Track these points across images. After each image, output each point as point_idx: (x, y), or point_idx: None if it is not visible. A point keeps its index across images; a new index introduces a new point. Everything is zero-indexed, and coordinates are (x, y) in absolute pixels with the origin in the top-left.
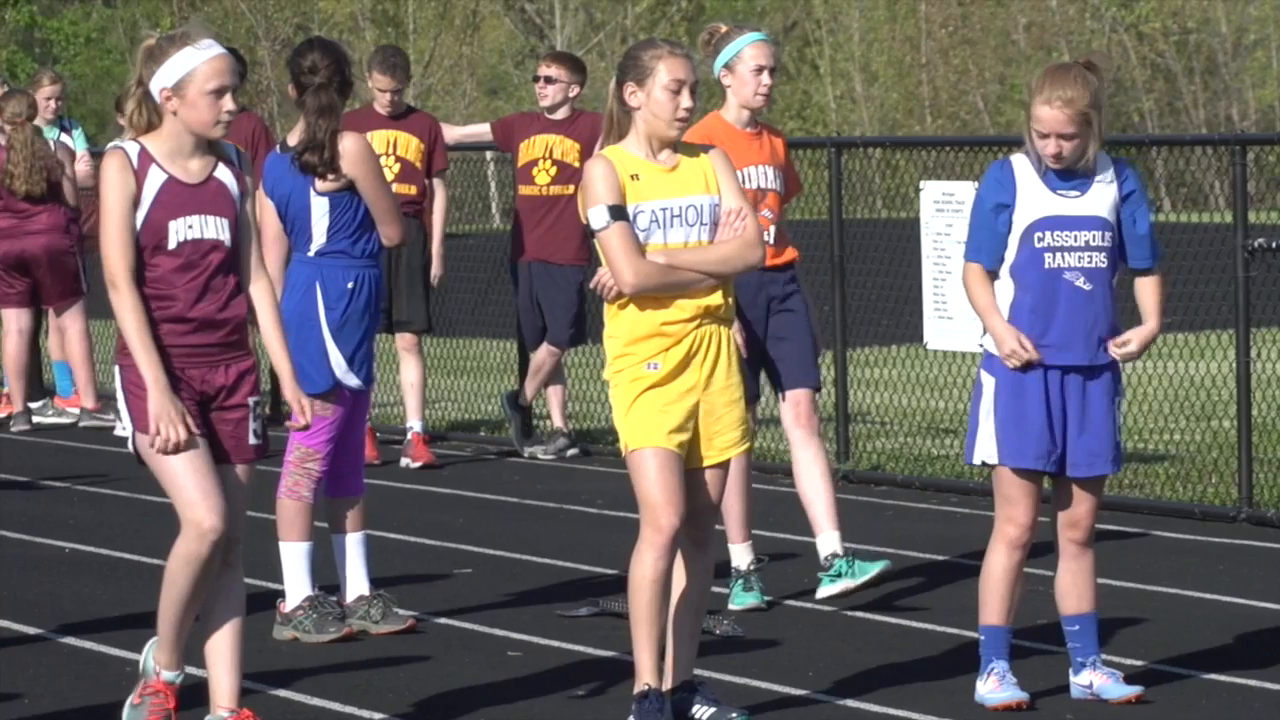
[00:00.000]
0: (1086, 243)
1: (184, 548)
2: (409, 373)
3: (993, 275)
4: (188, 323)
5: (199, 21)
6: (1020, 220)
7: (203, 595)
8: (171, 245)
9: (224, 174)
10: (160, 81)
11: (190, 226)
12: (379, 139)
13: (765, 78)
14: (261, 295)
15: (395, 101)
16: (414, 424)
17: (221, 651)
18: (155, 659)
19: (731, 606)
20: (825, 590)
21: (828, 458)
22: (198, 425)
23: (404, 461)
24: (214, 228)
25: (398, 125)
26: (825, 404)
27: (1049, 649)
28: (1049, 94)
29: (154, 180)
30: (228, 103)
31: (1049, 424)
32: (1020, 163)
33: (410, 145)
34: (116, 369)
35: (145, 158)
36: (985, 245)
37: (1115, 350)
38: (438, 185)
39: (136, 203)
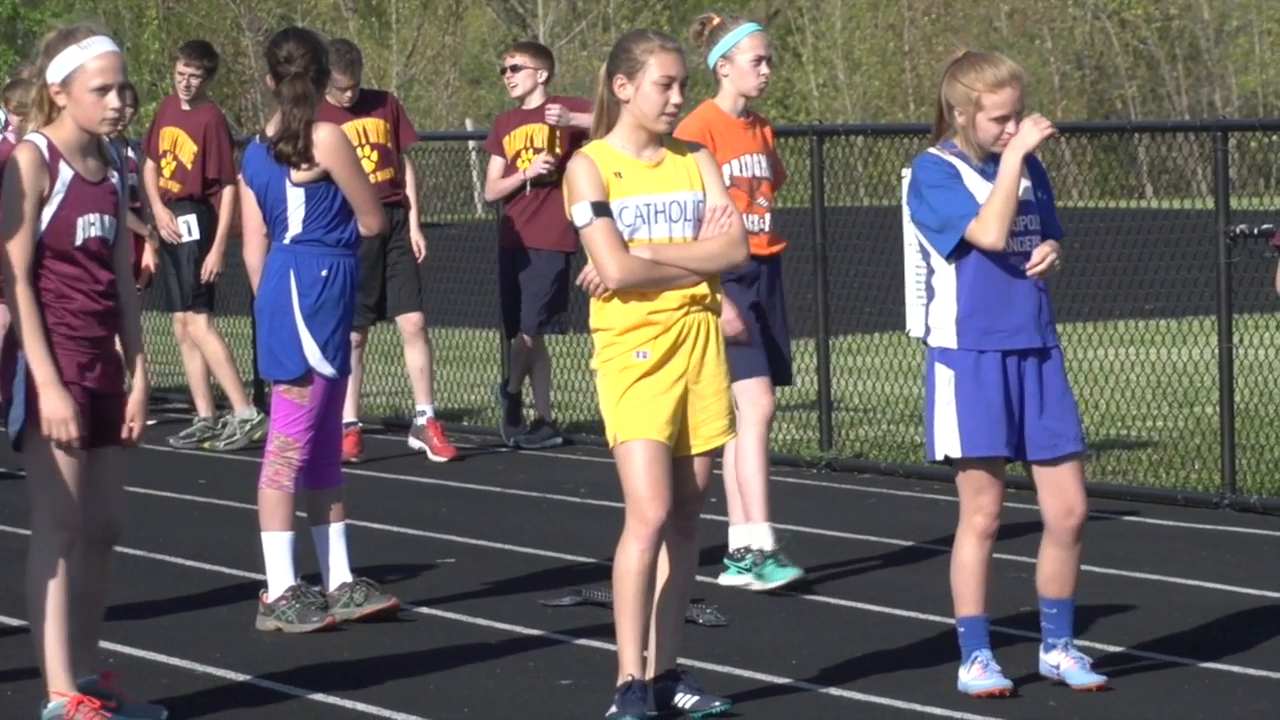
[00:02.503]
0: (1025, 227)
1: (49, 551)
2: (416, 357)
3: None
4: (88, 316)
5: (95, 17)
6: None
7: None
8: (77, 242)
9: (114, 175)
10: (50, 77)
11: (92, 224)
12: (349, 131)
13: (764, 67)
14: (129, 298)
15: (354, 95)
16: (425, 408)
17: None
18: (54, 695)
19: (773, 584)
20: (730, 580)
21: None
22: (86, 424)
23: (415, 446)
24: (108, 227)
25: (361, 114)
26: (808, 392)
27: (1033, 636)
28: (998, 78)
29: (64, 176)
30: (113, 100)
31: (1008, 409)
32: (951, 156)
33: (380, 129)
34: (22, 357)
35: (55, 153)
36: (966, 202)
37: (1040, 268)
38: (405, 162)
39: (46, 200)
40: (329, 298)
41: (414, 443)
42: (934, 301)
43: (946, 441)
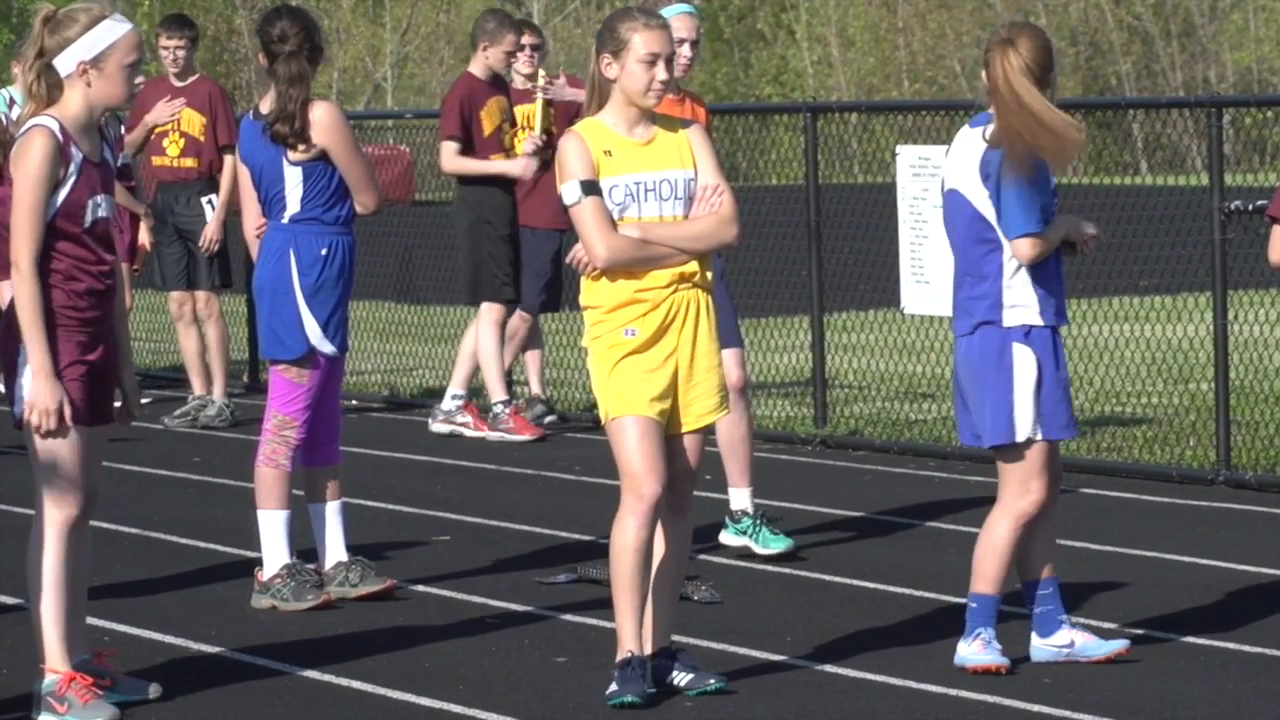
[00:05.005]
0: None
1: (51, 528)
2: (473, 343)
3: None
4: (91, 297)
5: None
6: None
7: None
8: (86, 224)
9: (107, 153)
10: (77, 54)
11: (99, 205)
12: (494, 108)
13: (685, 50)
14: (119, 276)
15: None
16: (461, 393)
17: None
18: (49, 671)
19: (769, 550)
20: (728, 538)
21: (750, 417)
22: (85, 409)
23: (444, 431)
24: (109, 207)
25: (501, 91)
26: (802, 369)
27: (1027, 613)
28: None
29: (76, 159)
30: (139, 75)
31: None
32: None
33: (504, 108)
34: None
35: (66, 136)
36: (1041, 212)
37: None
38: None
39: (60, 184)
40: (329, 276)
41: (441, 428)
42: (1005, 279)
43: (1027, 424)
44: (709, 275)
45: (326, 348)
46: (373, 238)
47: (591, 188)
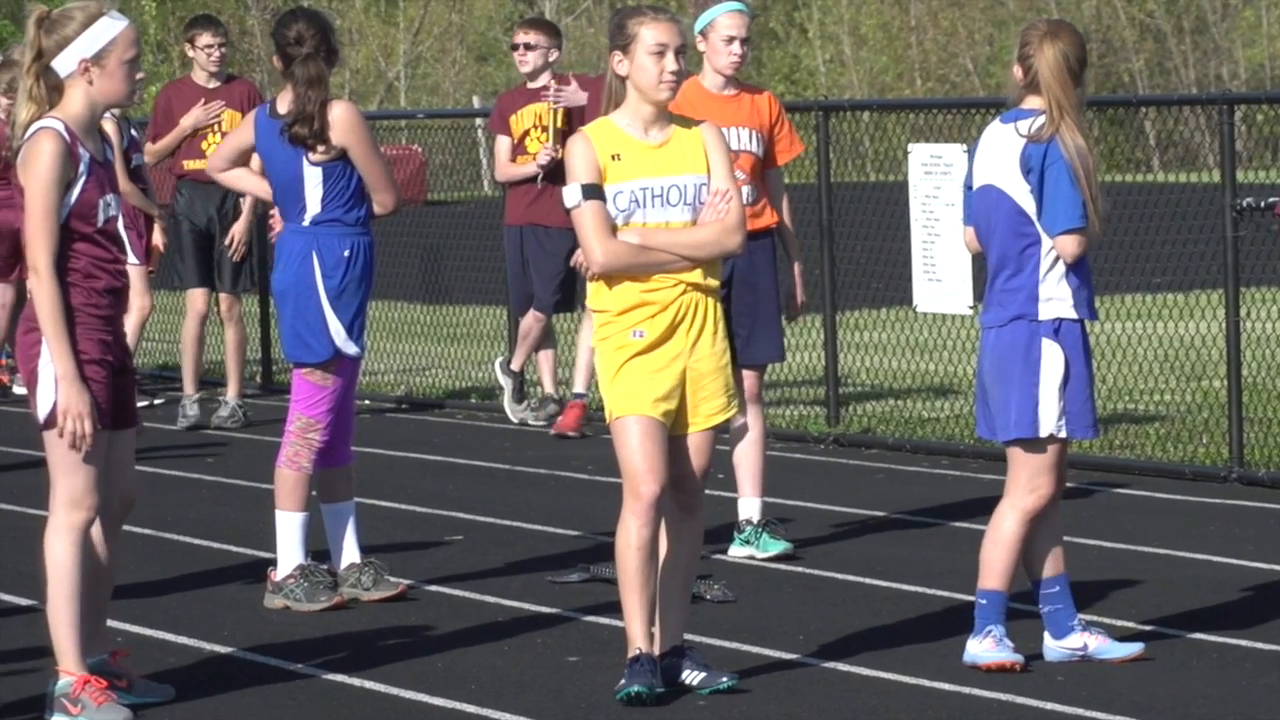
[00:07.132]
0: None
1: (66, 531)
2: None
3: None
4: (110, 295)
5: None
6: None
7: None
8: (99, 224)
9: (109, 154)
10: (78, 53)
11: (108, 205)
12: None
13: (736, 47)
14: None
15: None
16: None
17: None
18: (63, 673)
19: (768, 554)
20: (734, 550)
21: (765, 425)
22: (106, 411)
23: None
24: (117, 205)
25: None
26: (815, 367)
27: (1038, 612)
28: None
29: (84, 159)
30: (139, 71)
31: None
32: None
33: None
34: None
35: (73, 136)
36: (1082, 207)
37: None
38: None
39: (70, 185)
40: (352, 278)
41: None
42: (1041, 273)
43: (1051, 421)
44: (713, 282)
45: (351, 349)
46: (384, 237)
47: (592, 191)
